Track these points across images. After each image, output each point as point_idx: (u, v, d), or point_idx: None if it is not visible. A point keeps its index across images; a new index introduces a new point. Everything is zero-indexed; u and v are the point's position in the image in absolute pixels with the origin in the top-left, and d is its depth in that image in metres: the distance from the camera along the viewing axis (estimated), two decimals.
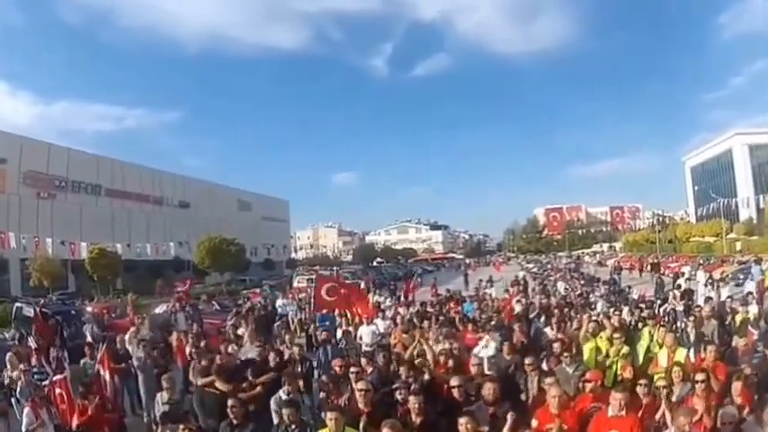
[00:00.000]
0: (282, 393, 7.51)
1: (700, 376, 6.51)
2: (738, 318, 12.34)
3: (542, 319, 13.79)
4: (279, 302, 25.01)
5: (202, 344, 11.90)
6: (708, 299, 15.50)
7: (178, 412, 7.24)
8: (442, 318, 14.57)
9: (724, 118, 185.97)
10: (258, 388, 8.17)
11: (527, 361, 8.32)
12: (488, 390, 6.58)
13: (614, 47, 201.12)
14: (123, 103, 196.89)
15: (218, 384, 7.83)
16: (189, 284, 27.05)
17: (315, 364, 10.74)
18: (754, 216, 71.87)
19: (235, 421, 6.53)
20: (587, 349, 9.52)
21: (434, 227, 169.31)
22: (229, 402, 6.68)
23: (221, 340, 12.74)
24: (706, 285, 20.10)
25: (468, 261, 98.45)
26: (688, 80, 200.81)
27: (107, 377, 9.81)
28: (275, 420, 7.04)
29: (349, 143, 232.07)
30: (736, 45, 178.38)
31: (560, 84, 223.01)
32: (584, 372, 7.73)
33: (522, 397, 7.78)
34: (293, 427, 6.34)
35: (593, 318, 11.67)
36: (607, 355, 9.17)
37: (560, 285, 29.25)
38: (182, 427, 6.12)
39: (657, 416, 6.23)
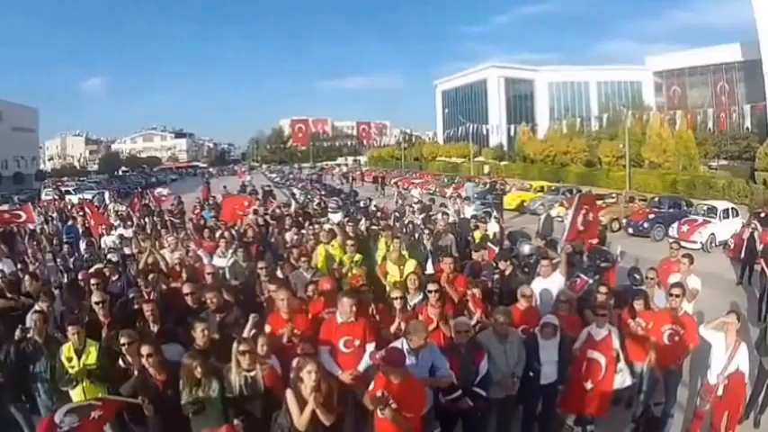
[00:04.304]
0: (37, 306, 7.56)
1: (432, 286, 6.95)
2: (477, 234, 13.48)
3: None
4: None
5: None
6: (444, 213, 16.64)
7: None
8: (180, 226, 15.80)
9: (481, 51, 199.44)
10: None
11: (260, 265, 8.73)
12: (210, 299, 7.04)
13: None
14: None
15: None
16: None
17: None
18: (504, 143, 79.28)
19: None
20: (320, 256, 9.96)
21: (179, 135, 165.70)
22: None
23: None
24: (452, 202, 21.38)
25: (211, 170, 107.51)
26: (448, 11, 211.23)
27: None
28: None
29: (98, 45, 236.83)
30: None
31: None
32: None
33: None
34: (38, 337, 6.62)
35: (329, 226, 12.09)
36: (341, 263, 9.71)
37: (296, 192, 30.21)
38: None
39: (393, 327, 6.54)
